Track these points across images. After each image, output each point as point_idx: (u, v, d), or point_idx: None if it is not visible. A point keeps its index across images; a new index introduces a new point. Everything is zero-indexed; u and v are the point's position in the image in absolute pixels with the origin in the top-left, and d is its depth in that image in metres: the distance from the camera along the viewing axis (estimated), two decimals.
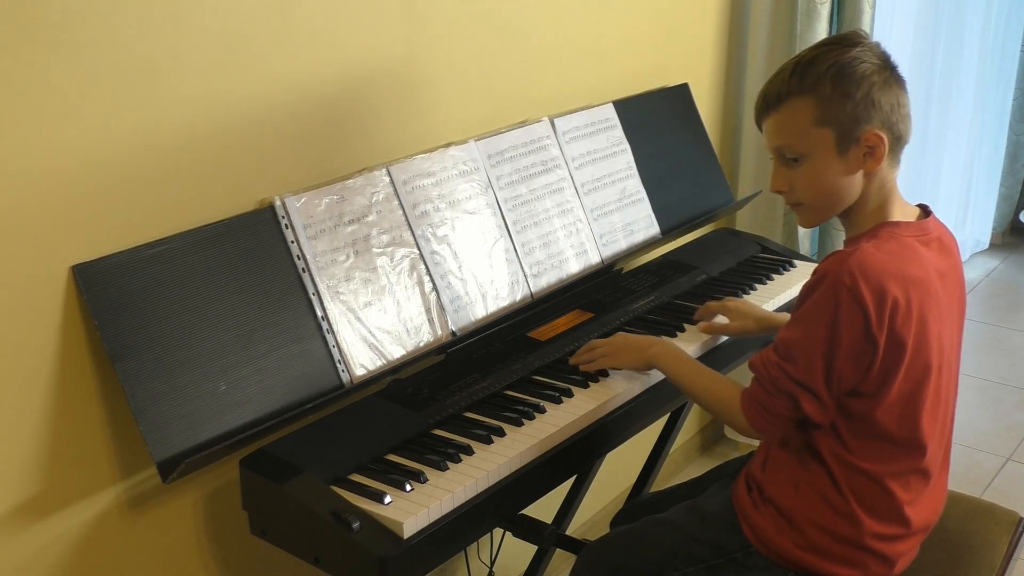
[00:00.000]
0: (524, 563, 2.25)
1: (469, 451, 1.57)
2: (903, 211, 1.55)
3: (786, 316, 1.91)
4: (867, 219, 1.53)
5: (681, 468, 2.95)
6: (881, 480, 1.51)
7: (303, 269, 1.66)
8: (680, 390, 1.71)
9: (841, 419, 1.50)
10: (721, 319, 1.93)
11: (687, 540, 1.63)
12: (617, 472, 2.59)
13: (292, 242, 1.65)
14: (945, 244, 1.56)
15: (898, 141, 1.51)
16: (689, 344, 1.88)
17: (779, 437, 1.58)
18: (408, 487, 1.47)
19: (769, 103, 1.53)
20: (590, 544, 1.77)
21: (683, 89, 2.47)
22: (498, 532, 2.13)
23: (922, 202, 1.61)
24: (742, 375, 1.58)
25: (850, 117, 1.47)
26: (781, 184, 1.55)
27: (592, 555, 1.72)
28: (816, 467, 1.54)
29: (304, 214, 1.67)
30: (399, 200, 1.80)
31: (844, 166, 1.49)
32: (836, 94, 1.46)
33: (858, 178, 1.50)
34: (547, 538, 1.86)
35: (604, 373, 1.78)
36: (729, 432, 3.07)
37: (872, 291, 1.40)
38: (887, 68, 1.50)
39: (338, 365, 1.66)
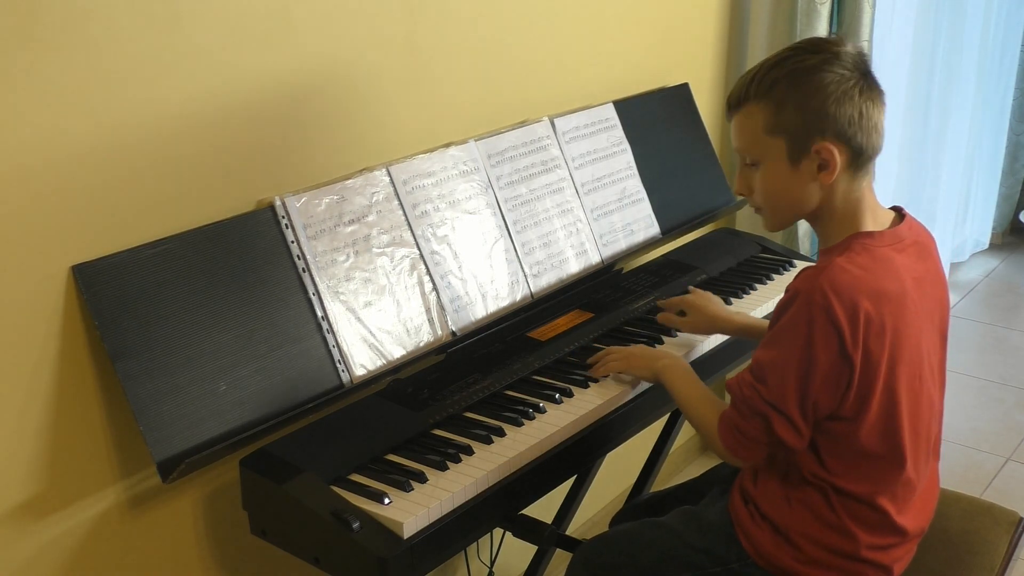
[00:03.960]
0: (524, 563, 2.25)
1: (469, 451, 1.57)
2: (876, 219, 1.51)
3: (747, 317, 1.91)
4: (838, 229, 1.50)
5: (681, 468, 2.95)
6: (868, 498, 1.50)
7: (303, 269, 1.66)
8: (678, 407, 1.71)
9: (823, 441, 1.49)
10: (681, 314, 1.92)
11: (684, 547, 1.62)
12: (617, 472, 2.59)
13: (292, 242, 1.65)
14: (923, 247, 1.53)
15: (858, 154, 1.45)
16: (679, 351, 1.88)
17: (754, 461, 1.56)
18: (408, 487, 1.48)
19: (731, 104, 1.52)
20: (587, 541, 1.76)
21: (683, 89, 2.47)
22: (498, 532, 2.13)
23: (896, 204, 1.58)
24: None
25: (801, 128, 1.44)
26: (742, 187, 1.55)
27: (589, 553, 1.72)
28: (804, 485, 1.53)
29: (304, 214, 1.67)
30: (399, 200, 1.80)
31: (797, 176, 1.47)
32: (788, 103, 1.44)
33: (814, 188, 1.47)
34: (547, 538, 1.85)
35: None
36: None
37: (845, 309, 1.38)
38: (855, 78, 1.44)
39: (338, 365, 1.66)
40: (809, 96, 1.43)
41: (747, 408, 1.48)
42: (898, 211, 1.57)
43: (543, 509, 1.93)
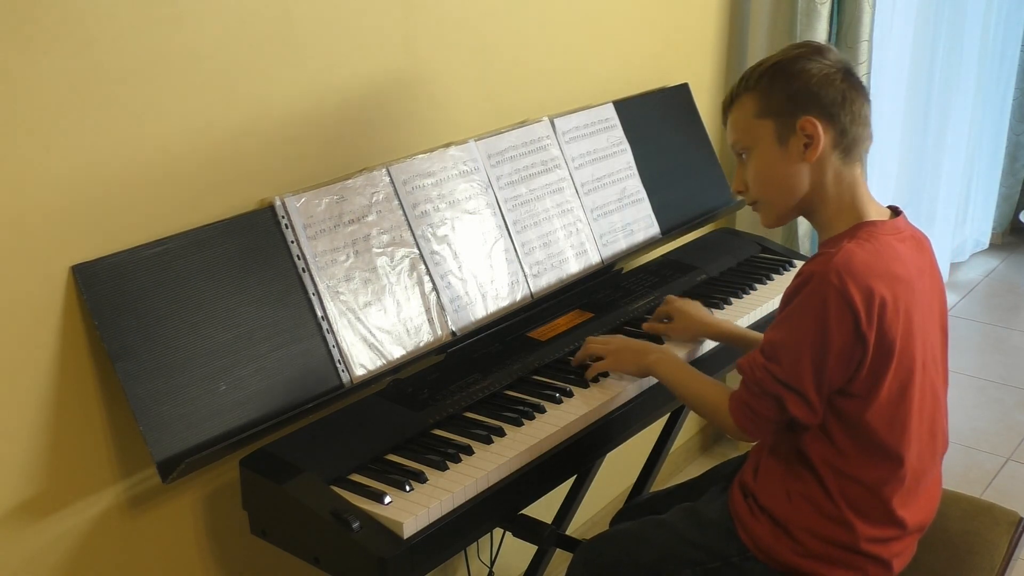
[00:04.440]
0: (524, 563, 2.25)
1: (469, 451, 1.57)
2: (877, 211, 1.56)
3: (732, 325, 1.92)
4: (838, 219, 1.54)
5: (681, 468, 2.95)
6: (871, 485, 1.51)
7: (303, 269, 1.66)
8: (675, 395, 1.72)
9: (833, 422, 1.50)
10: (667, 320, 1.93)
11: (685, 543, 1.63)
12: (617, 472, 2.59)
13: (292, 242, 1.65)
14: (919, 242, 1.57)
15: (843, 135, 1.52)
16: (678, 350, 1.87)
17: (766, 438, 1.58)
18: (408, 487, 1.48)
19: (726, 104, 1.61)
20: (588, 540, 1.77)
21: (683, 89, 2.47)
22: (498, 532, 2.13)
23: (893, 204, 1.62)
24: (731, 382, 1.58)
25: (786, 107, 1.52)
26: (739, 184, 1.61)
27: (590, 551, 1.73)
28: (806, 475, 1.54)
29: (304, 214, 1.67)
30: (399, 200, 1.80)
31: (786, 156, 1.53)
32: (775, 87, 1.53)
33: (804, 170, 1.53)
34: (547, 538, 1.86)
35: (603, 373, 1.78)
36: None
37: (860, 290, 1.41)
38: (838, 71, 1.52)
39: (338, 365, 1.66)
40: (793, 79, 1.52)
41: (759, 389, 1.50)
42: (894, 210, 1.60)
43: (543, 509, 1.94)
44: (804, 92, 1.51)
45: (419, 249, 1.81)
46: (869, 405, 1.48)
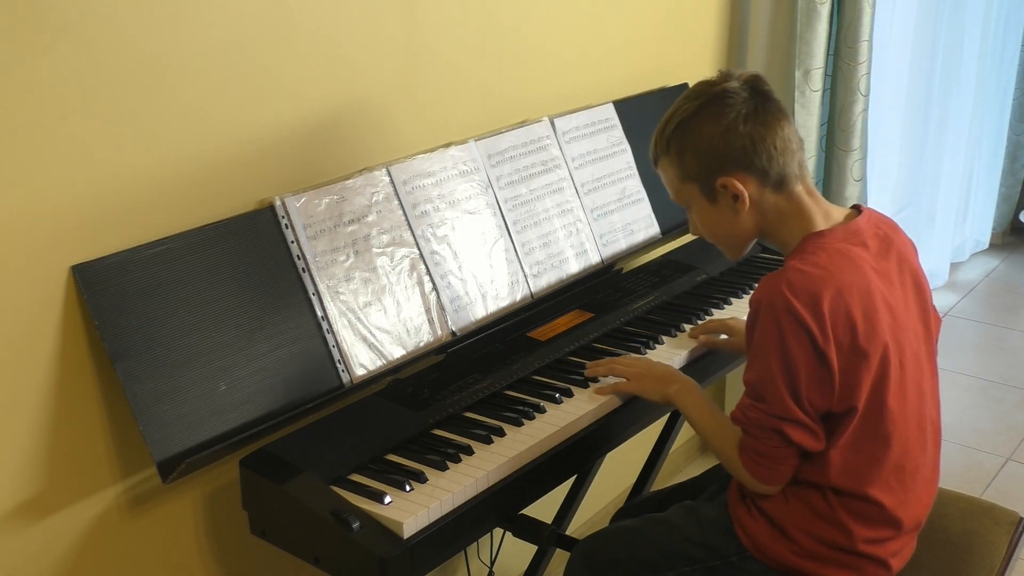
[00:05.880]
0: (524, 563, 2.25)
1: (469, 451, 1.57)
2: (828, 219, 1.54)
3: None
4: (790, 237, 1.55)
5: (681, 468, 2.95)
6: (862, 492, 1.51)
7: (303, 269, 1.66)
8: (694, 430, 1.71)
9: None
10: (723, 336, 1.93)
11: (684, 541, 1.63)
12: (617, 472, 2.59)
13: (292, 242, 1.65)
14: (885, 240, 1.55)
15: (766, 175, 1.51)
16: (679, 350, 1.88)
17: (783, 482, 1.54)
18: (408, 487, 1.48)
19: (652, 159, 1.62)
20: (589, 536, 1.77)
21: (683, 89, 2.46)
22: (498, 532, 2.13)
23: (857, 203, 1.61)
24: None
25: (702, 171, 1.53)
26: (693, 230, 1.65)
27: (590, 547, 1.73)
28: (801, 478, 1.54)
29: (304, 214, 1.67)
30: (399, 200, 1.80)
31: (720, 212, 1.55)
32: (684, 153, 1.54)
33: (743, 217, 1.54)
34: (547, 538, 1.86)
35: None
36: None
37: (807, 307, 1.41)
38: (736, 110, 1.50)
39: (338, 365, 1.66)
40: (697, 141, 1.53)
41: (758, 430, 1.49)
42: (857, 208, 1.59)
43: (543, 509, 1.93)
44: (711, 154, 1.51)
45: (419, 249, 1.81)
46: (851, 420, 1.47)
